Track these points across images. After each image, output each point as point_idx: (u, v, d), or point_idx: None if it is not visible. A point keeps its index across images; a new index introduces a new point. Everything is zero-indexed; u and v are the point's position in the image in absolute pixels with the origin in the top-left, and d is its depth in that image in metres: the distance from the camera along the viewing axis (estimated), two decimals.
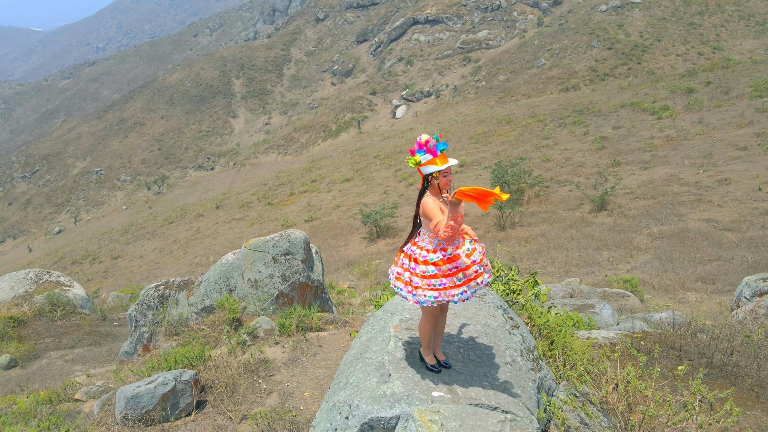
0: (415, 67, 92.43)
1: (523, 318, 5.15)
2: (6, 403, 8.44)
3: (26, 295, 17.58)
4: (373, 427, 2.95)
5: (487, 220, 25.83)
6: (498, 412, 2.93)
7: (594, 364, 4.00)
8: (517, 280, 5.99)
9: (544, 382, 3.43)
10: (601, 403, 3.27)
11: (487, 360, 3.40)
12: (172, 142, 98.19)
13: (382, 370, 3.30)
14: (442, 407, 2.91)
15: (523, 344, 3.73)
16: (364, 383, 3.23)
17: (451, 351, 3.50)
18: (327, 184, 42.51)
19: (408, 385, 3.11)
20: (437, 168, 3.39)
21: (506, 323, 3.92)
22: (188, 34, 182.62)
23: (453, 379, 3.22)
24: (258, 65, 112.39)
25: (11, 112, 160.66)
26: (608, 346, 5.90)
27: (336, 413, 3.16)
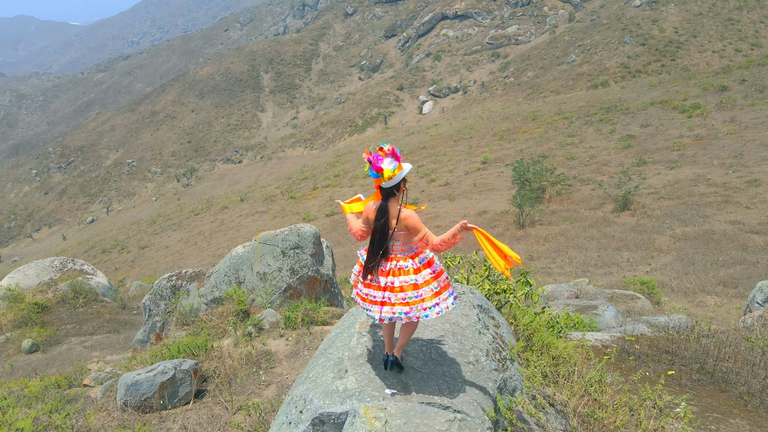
0: (443, 63, 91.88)
1: (508, 318, 5.12)
2: (18, 386, 8.75)
3: (51, 282, 18.15)
4: (324, 422, 2.98)
5: (507, 218, 25.59)
6: (450, 411, 2.93)
7: (570, 366, 3.95)
8: (509, 279, 5.94)
9: (508, 383, 3.41)
10: (562, 405, 3.23)
11: (449, 359, 3.40)
12: (202, 135, 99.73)
13: (340, 365, 3.33)
14: (390, 405, 2.92)
15: (492, 344, 3.71)
16: (321, 378, 3.27)
17: (413, 349, 3.50)
18: (350, 179, 42.66)
19: (362, 382, 3.13)
20: (405, 173, 3.39)
21: (478, 323, 3.90)
22: (219, 29, 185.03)
23: (409, 377, 3.23)
24: (287, 60, 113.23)
25: (49, 104, 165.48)
26: (600, 348, 5.82)
27: (292, 407, 3.21)
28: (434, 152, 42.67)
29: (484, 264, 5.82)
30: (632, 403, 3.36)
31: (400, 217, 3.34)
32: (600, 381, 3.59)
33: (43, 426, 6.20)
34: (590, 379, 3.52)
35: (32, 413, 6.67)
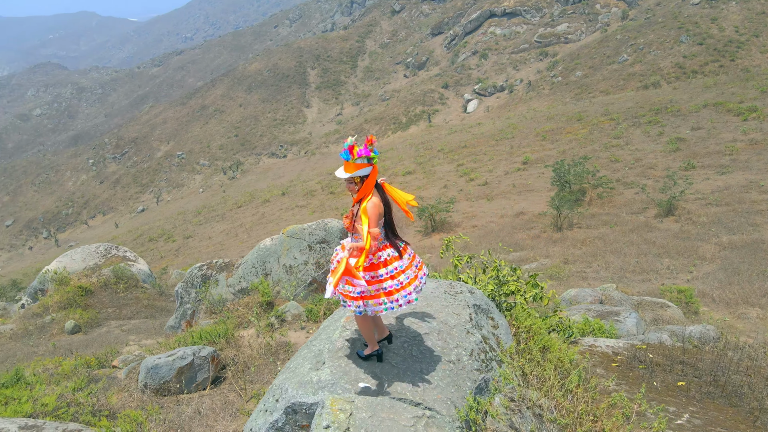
0: (489, 61, 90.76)
1: (511, 320, 5.07)
2: (53, 364, 9.22)
3: (95, 267, 18.99)
4: (296, 411, 3.04)
5: (544, 220, 25.12)
6: (420, 408, 2.94)
7: (562, 371, 3.88)
8: (519, 281, 5.86)
9: (490, 383, 3.39)
10: (538, 407, 3.18)
11: (429, 357, 3.40)
12: (249, 129, 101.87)
13: (319, 357, 3.39)
14: (358, 398, 2.95)
15: (479, 344, 3.69)
16: (299, 369, 3.33)
17: (395, 345, 3.52)
18: (389, 176, 42.74)
19: (336, 374, 3.18)
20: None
21: (469, 322, 3.88)
22: (269, 25, 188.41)
23: (385, 372, 3.25)
24: (333, 56, 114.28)
25: (107, 96, 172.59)
26: (610, 355, 5.68)
27: (270, 395, 3.29)
28: (475, 151, 42.26)
29: (493, 263, 5.77)
30: (599, 410, 3.28)
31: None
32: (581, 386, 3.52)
33: (66, 402, 6.52)
34: (567, 383, 3.45)
35: (58, 390, 7.02)
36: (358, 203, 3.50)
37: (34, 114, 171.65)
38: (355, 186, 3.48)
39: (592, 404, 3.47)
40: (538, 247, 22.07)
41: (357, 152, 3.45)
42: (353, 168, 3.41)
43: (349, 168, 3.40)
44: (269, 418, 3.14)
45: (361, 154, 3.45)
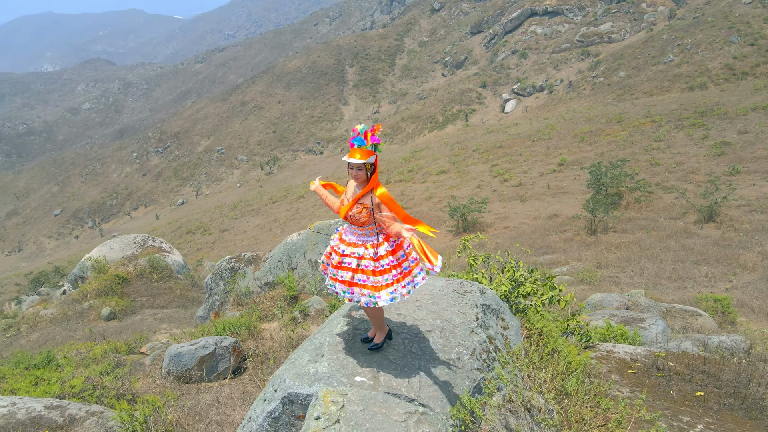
0: (529, 61, 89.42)
1: (524, 322, 5.01)
2: (85, 349, 9.59)
3: (132, 256, 19.61)
4: (293, 401, 3.09)
5: (578, 223, 24.63)
6: (414, 404, 2.94)
7: (567, 374, 3.82)
8: (536, 282, 5.79)
9: (491, 383, 3.36)
10: (537, 409, 3.14)
11: (429, 354, 3.40)
12: (286, 125, 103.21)
13: (319, 350, 3.43)
14: (351, 391, 2.98)
15: (483, 344, 3.66)
16: (299, 360, 3.38)
17: (395, 342, 3.53)
18: (423, 175, 42.66)
19: (334, 367, 3.21)
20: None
21: (475, 322, 3.86)
22: (309, 23, 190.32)
23: (383, 367, 3.27)
24: (371, 54, 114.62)
25: (151, 92, 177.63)
26: (628, 361, 5.55)
27: (270, 385, 3.35)
28: (510, 152, 41.74)
29: (509, 263, 5.71)
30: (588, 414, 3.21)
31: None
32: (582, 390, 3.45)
33: (92, 385, 6.78)
34: (566, 386, 3.39)
35: (86, 373, 7.30)
36: (367, 192, 3.51)
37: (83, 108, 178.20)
38: (365, 173, 3.51)
39: (584, 407, 3.40)
40: (570, 250, 21.66)
41: (370, 138, 3.49)
42: (366, 154, 3.44)
43: (363, 154, 3.43)
44: (267, 407, 3.21)
45: (374, 140, 3.50)
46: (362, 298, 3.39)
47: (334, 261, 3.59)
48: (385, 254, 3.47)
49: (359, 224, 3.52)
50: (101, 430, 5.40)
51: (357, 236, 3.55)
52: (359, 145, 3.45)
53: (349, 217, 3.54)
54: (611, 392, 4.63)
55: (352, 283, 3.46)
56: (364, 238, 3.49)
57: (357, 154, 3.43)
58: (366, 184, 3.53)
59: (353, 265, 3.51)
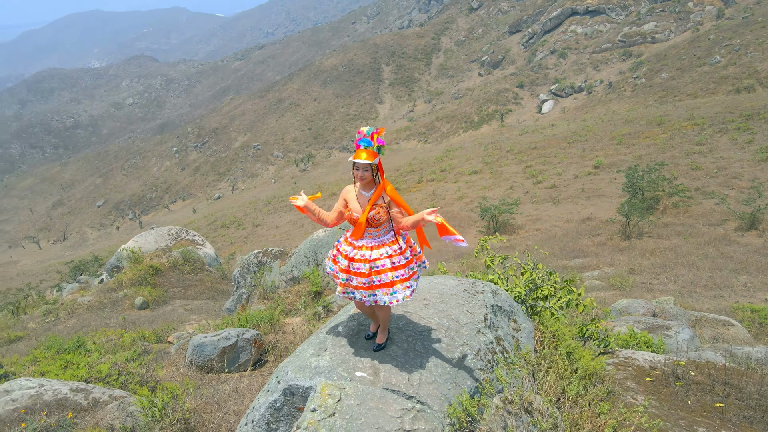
0: (568, 61, 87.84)
1: (538, 324, 4.97)
2: (116, 336, 9.92)
3: (166, 248, 20.14)
4: (294, 393, 3.14)
5: (611, 227, 24.09)
6: (412, 401, 2.95)
7: (575, 378, 3.77)
8: (554, 285, 5.72)
9: (494, 384, 3.34)
10: (538, 412, 3.10)
11: (432, 352, 3.40)
12: (322, 123, 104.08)
13: (322, 344, 3.47)
14: (350, 385, 3.01)
15: (488, 345, 3.65)
16: (303, 354, 3.43)
17: (400, 339, 3.54)
18: (455, 175, 42.42)
19: (335, 361, 3.25)
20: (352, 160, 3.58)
21: (483, 322, 3.84)
22: (347, 22, 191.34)
23: (384, 363, 3.29)
24: (408, 53, 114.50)
25: (192, 88, 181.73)
26: (647, 369, 5.43)
27: (274, 377, 3.41)
28: (545, 153, 41.10)
29: (527, 264, 5.66)
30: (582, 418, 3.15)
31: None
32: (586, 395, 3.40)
33: (117, 371, 7.01)
34: (568, 390, 3.34)
35: (114, 359, 7.56)
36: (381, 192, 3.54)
37: (127, 103, 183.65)
38: (370, 174, 3.53)
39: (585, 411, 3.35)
40: (602, 254, 21.22)
41: (377, 139, 3.53)
42: (372, 155, 3.48)
43: (369, 155, 3.47)
44: (269, 397, 3.27)
45: (379, 142, 3.54)
46: (386, 297, 3.39)
47: (364, 269, 3.47)
48: (405, 248, 3.55)
49: (376, 225, 3.52)
50: (122, 414, 5.58)
51: (374, 238, 3.53)
52: (365, 146, 3.48)
53: (369, 220, 3.52)
54: (625, 399, 4.53)
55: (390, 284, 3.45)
56: (380, 238, 3.50)
57: (363, 155, 3.47)
58: (372, 184, 3.56)
59: (387, 265, 3.49)
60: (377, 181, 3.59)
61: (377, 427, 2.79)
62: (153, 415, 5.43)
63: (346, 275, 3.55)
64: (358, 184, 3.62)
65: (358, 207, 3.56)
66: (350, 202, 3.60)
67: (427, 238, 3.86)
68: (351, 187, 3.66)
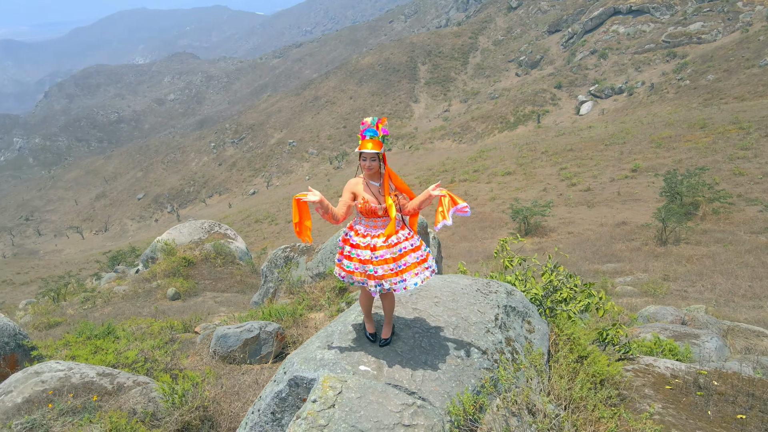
0: (609, 61, 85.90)
1: (553, 327, 4.91)
2: (146, 324, 10.22)
3: (199, 241, 20.59)
4: (298, 384, 3.19)
5: (647, 232, 23.48)
6: (413, 397, 2.96)
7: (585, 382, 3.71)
8: (575, 288, 5.63)
9: (499, 384, 3.32)
10: (540, 413, 3.07)
11: (438, 350, 3.40)
12: (357, 121, 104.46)
13: (330, 337, 3.51)
14: (351, 378, 3.03)
15: (497, 345, 3.62)
16: (309, 346, 3.48)
17: (406, 335, 3.55)
18: (488, 176, 42.04)
19: (340, 355, 3.28)
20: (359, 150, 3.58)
21: (493, 322, 3.82)
22: (384, 20, 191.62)
23: (389, 358, 3.30)
24: (444, 52, 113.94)
25: (231, 85, 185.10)
26: (667, 377, 5.30)
27: (282, 368, 3.47)
28: (580, 155, 40.32)
29: (546, 265, 5.59)
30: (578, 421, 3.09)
31: None
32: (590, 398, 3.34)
33: (143, 358, 7.23)
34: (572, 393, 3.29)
35: (141, 346, 7.79)
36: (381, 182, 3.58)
37: (169, 99, 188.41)
38: (378, 163, 3.56)
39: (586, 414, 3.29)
40: (636, 260, 20.71)
41: (382, 129, 3.57)
42: (378, 145, 3.52)
43: (375, 144, 3.50)
44: (275, 387, 3.34)
45: (384, 131, 3.57)
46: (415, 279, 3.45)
47: (389, 255, 3.48)
48: (413, 233, 3.61)
49: (388, 213, 3.55)
50: (144, 400, 5.76)
51: (386, 226, 3.56)
52: (371, 136, 3.51)
53: (386, 210, 3.54)
54: (641, 406, 4.44)
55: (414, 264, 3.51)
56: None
57: (369, 144, 3.50)
58: (378, 174, 3.60)
59: (408, 247, 3.58)
60: (382, 170, 3.62)
61: (375, 420, 2.82)
62: (173, 402, 5.59)
63: (372, 266, 3.51)
64: (364, 175, 3.64)
65: (371, 197, 3.56)
66: (360, 194, 3.60)
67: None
68: (356, 180, 3.68)
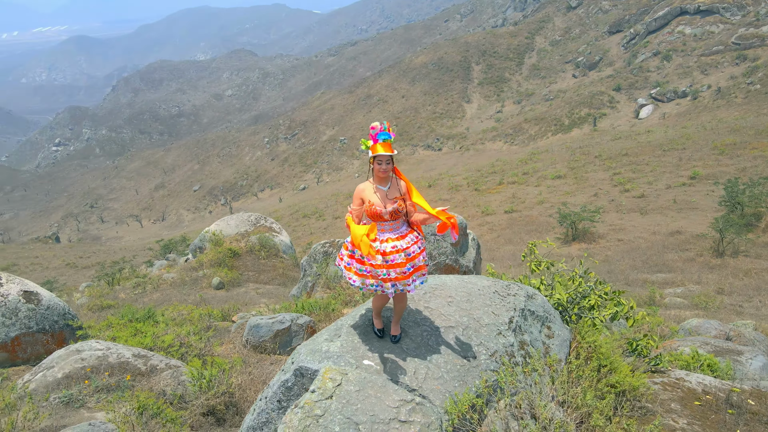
0: (673, 63, 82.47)
1: (575, 334, 4.80)
2: (187, 311, 10.60)
3: (245, 233, 21.13)
4: (303, 375, 3.25)
5: (703, 242, 22.44)
6: (414, 394, 2.96)
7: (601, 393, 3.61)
8: (605, 295, 5.49)
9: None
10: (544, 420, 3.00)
11: (445, 349, 3.38)
12: (408, 120, 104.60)
13: (338, 331, 3.56)
14: (353, 372, 3.06)
15: (507, 347, 3.57)
16: (318, 339, 3.53)
17: (415, 333, 3.55)
18: (537, 179, 41.21)
19: (345, 348, 3.32)
20: (371, 154, 3.57)
21: (506, 324, 3.77)
22: (440, 20, 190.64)
23: (394, 354, 3.31)
24: (499, 52, 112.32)
25: (286, 82, 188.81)
26: (698, 393, 5.08)
27: (291, 358, 3.54)
28: (636, 161, 38.91)
29: (574, 271, 5.46)
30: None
31: None
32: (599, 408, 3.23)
33: (179, 342, 7.52)
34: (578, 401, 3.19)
35: (178, 331, 8.09)
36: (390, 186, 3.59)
37: (226, 94, 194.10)
38: (392, 166, 3.59)
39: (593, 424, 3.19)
40: (689, 271, 19.84)
41: (392, 132, 3.60)
42: (390, 147, 3.54)
43: (387, 147, 3.53)
44: (282, 377, 3.41)
45: (393, 135, 3.60)
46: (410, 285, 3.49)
47: (400, 259, 3.52)
48: (420, 237, 3.62)
49: (397, 218, 3.58)
50: (174, 382, 5.99)
51: (395, 230, 3.59)
52: (384, 139, 3.52)
53: (392, 214, 3.56)
54: (664, 420, 4.28)
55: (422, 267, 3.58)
56: (400, 229, 3.58)
57: (382, 148, 3.51)
58: (388, 179, 3.60)
59: (416, 250, 3.64)
60: (391, 174, 3.63)
61: (371, 414, 2.84)
62: (200, 386, 5.79)
63: (385, 270, 3.51)
64: (373, 180, 3.66)
65: (377, 200, 3.58)
66: (366, 198, 3.62)
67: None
68: (364, 185, 3.70)
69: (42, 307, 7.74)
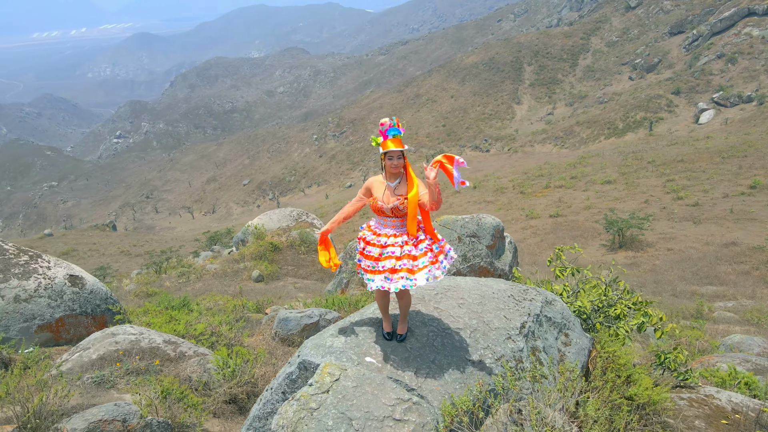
0: (738, 67, 78.58)
1: (595, 344, 4.67)
2: (223, 301, 10.91)
3: (287, 228, 21.53)
4: (307, 368, 3.29)
5: (760, 255, 21.31)
6: (412, 393, 2.95)
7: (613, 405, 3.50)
8: (631, 306, 5.32)
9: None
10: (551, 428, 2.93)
11: (450, 351, 3.35)
12: (456, 120, 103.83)
13: (344, 327, 3.58)
14: (352, 368, 3.08)
15: (516, 353, 3.52)
16: (324, 334, 3.57)
17: (421, 333, 3.53)
18: (585, 183, 40.13)
19: (349, 344, 3.34)
20: (381, 150, 3.58)
21: (518, 329, 3.71)
22: (492, 19, 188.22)
23: (396, 353, 3.31)
24: (553, 53, 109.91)
25: (337, 80, 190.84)
26: (727, 411, 4.86)
27: (298, 351, 3.60)
28: (691, 167, 37.32)
29: (600, 278, 5.32)
30: None
31: None
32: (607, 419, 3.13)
33: (210, 331, 7.75)
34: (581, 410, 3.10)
35: (210, 320, 8.35)
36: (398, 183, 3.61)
37: (278, 91, 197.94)
38: (403, 162, 3.60)
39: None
40: (742, 284, 18.90)
41: (401, 127, 3.62)
42: (401, 143, 3.56)
43: (398, 143, 3.55)
44: (288, 369, 3.48)
45: (403, 130, 3.62)
46: (400, 281, 3.47)
47: (374, 253, 3.61)
48: (424, 238, 3.59)
49: (400, 216, 3.60)
50: (200, 369, 6.18)
51: (395, 228, 3.62)
52: (394, 135, 3.54)
53: (393, 210, 3.59)
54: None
55: (394, 270, 3.55)
56: (402, 228, 3.58)
57: (392, 144, 3.52)
58: (398, 175, 3.61)
59: (397, 253, 3.60)
60: (402, 171, 3.64)
61: (366, 410, 2.86)
62: (225, 375, 5.96)
63: (381, 262, 3.59)
64: (385, 174, 3.68)
65: (381, 195, 3.62)
66: (375, 191, 3.67)
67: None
68: (375, 178, 3.74)
69: (86, 291, 8.12)
